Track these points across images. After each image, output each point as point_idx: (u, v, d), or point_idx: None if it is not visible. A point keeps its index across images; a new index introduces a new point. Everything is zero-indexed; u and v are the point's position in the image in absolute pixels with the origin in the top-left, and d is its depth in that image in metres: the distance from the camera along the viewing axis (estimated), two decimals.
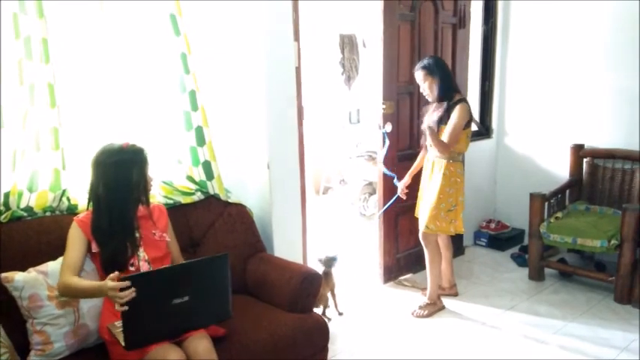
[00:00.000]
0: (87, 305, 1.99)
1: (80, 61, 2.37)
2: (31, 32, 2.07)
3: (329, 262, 3.10)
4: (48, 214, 2.23)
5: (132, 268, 2.01)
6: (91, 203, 2.02)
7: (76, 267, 1.95)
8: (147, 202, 2.10)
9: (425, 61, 3.09)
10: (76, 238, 1.99)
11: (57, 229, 2.14)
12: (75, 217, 2.04)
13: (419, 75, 3.10)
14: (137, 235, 2.07)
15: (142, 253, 2.06)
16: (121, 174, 1.97)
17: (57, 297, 1.93)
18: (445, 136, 3.00)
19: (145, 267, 2.04)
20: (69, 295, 1.91)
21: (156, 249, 2.12)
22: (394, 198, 3.45)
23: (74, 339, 1.94)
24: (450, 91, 3.05)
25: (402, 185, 3.36)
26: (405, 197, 3.38)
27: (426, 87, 3.08)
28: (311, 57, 5.04)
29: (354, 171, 5.54)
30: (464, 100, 3.06)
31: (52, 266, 2.00)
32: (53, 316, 1.91)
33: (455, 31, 3.80)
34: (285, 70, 2.76)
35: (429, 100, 3.13)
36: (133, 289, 1.67)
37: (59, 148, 2.20)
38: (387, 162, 3.47)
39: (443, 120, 3.03)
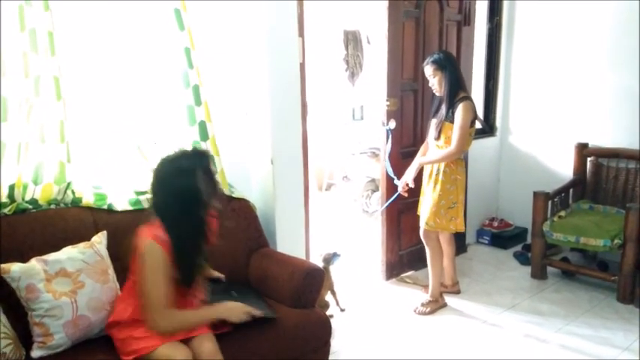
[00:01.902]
0: (86, 297, 1.97)
1: (85, 55, 2.38)
2: (37, 25, 2.07)
3: (328, 259, 3.10)
4: (52, 206, 2.24)
5: None
6: (161, 219, 1.87)
7: (168, 299, 1.86)
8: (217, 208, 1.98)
9: (435, 55, 3.08)
10: (163, 262, 1.82)
11: (61, 221, 2.16)
12: (148, 235, 1.85)
13: (428, 69, 3.08)
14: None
15: None
16: (185, 182, 1.84)
17: (56, 290, 1.91)
18: (453, 139, 2.99)
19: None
20: (178, 331, 1.86)
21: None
22: (394, 196, 3.44)
23: (74, 330, 1.94)
24: (456, 88, 3.04)
25: (402, 183, 3.34)
26: (406, 195, 3.37)
27: (435, 82, 3.07)
28: (315, 53, 5.03)
29: (357, 168, 5.54)
30: (468, 97, 3.05)
31: (54, 256, 2.00)
32: (50, 307, 1.89)
33: (460, 28, 3.78)
34: (289, 66, 2.76)
35: (437, 94, 3.13)
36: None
37: (64, 141, 2.20)
38: (390, 159, 3.46)
39: (448, 117, 3.03)
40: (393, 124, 3.42)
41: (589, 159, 3.88)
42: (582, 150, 3.88)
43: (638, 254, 3.22)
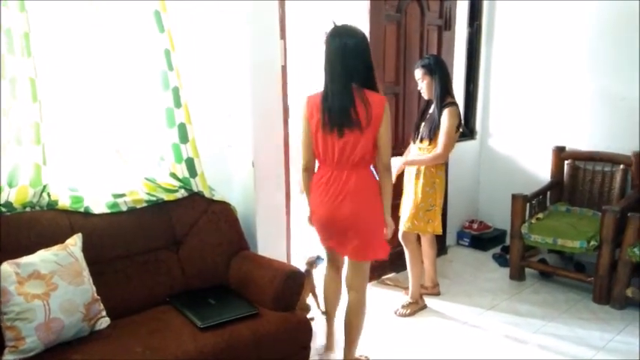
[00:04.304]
0: (59, 299, 1.93)
1: (62, 56, 2.34)
2: (12, 25, 2.03)
3: (312, 262, 3.09)
4: (28, 209, 2.20)
5: None
6: (369, 82, 2.28)
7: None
8: None
9: (426, 60, 3.12)
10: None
11: (37, 224, 2.12)
12: (381, 98, 2.25)
13: (418, 72, 3.12)
14: None
15: None
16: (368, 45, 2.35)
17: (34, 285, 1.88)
18: (439, 143, 3.02)
19: None
20: (389, 185, 2.41)
21: None
22: None
23: (47, 333, 1.90)
24: (444, 93, 3.07)
25: None
26: None
27: (424, 85, 3.10)
28: (297, 56, 5.02)
29: None
30: (453, 103, 3.07)
31: (27, 259, 1.96)
32: (21, 310, 1.85)
33: (440, 32, 3.82)
34: (271, 68, 2.76)
35: (424, 97, 3.16)
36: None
37: (40, 143, 2.16)
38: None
39: (436, 124, 3.05)
40: None
41: (566, 162, 3.95)
42: (560, 153, 3.94)
43: (614, 256, 3.29)
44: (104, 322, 2.09)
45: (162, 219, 2.48)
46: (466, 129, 4.49)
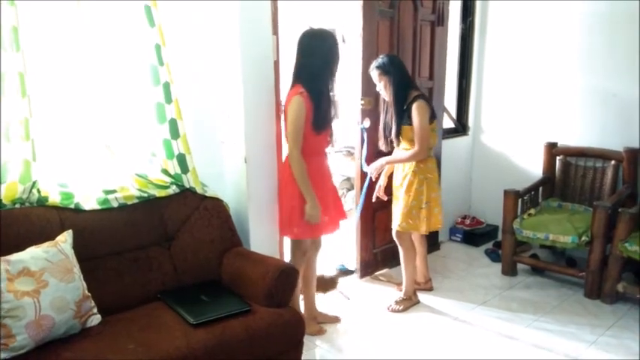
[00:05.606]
0: (49, 296, 1.91)
1: (52, 51, 2.32)
2: (1, 20, 2.01)
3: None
4: (17, 205, 2.17)
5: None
6: (303, 79, 2.60)
7: (303, 143, 2.61)
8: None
9: (379, 60, 3.07)
10: (302, 111, 2.54)
11: (26, 221, 2.10)
12: (294, 93, 2.57)
13: (374, 74, 3.09)
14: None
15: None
16: (328, 44, 2.63)
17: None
18: (416, 140, 3.00)
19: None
20: (296, 174, 2.61)
21: None
22: (363, 194, 3.44)
23: (38, 330, 1.88)
24: (406, 90, 3.05)
25: (377, 186, 3.35)
26: (385, 198, 3.40)
27: (382, 87, 3.08)
28: (290, 51, 5.01)
29: (332, 166, 5.53)
30: (419, 96, 3.04)
31: (17, 256, 1.94)
32: (11, 307, 1.84)
33: (433, 28, 3.82)
34: (263, 64, 2.75)
35: (385, 99, 3.14)
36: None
37: (29, 139, 2.14)
38: (368, 160, 3.46)
39: (403, 120, 3.04)
40: (367, 123, 3.43)
41: (558, 158, 3.96)
42: (551, 149, 3.96)
43: (605, 251, 3.31)
44: (95, 319, 2.08)
45: (153, 215, 2.46)
46: (459, 125, 4.50)
